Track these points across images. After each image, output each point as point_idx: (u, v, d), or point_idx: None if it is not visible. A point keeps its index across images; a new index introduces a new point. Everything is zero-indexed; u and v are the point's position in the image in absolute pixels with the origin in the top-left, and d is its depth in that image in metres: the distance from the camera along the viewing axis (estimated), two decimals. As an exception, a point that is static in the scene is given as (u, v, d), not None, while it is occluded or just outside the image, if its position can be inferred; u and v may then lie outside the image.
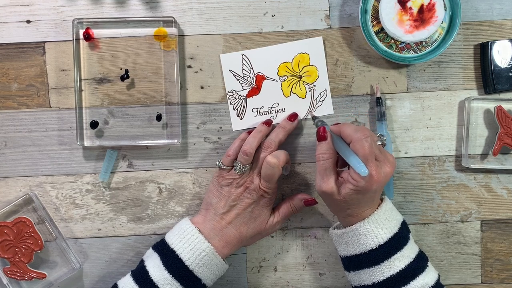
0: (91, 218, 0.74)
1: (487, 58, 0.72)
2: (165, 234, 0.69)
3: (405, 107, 0.74)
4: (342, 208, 0.64)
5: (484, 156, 0.75)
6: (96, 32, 0.71)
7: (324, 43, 0.73)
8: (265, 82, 0.73)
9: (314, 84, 0.73)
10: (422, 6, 0.69)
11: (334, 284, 0.76)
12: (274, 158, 0.67)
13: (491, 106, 0.74)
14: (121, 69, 0.72)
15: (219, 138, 0.74)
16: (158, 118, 0.72)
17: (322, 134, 0.64)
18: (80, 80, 0.72)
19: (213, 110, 0.73)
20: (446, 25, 0.71)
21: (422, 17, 0.70)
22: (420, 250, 0.67)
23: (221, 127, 0.74)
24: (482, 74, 0.74)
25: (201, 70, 0.73)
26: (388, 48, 0.71)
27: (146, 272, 0.65)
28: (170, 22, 0.72)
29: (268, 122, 0.71)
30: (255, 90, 0.73)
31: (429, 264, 0.66)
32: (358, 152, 0.60)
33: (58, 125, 0.73)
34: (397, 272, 0.63)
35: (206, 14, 0.73)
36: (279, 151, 0.68)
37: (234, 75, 0.73)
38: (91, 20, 0.71)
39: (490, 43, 0.72)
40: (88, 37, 0.71)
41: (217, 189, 0.69)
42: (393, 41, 0.71)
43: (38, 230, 0.71)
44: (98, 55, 0.72)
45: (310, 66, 0.73)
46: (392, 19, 0.70)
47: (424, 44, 0.72)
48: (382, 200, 0.66)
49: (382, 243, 0.63)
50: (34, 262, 0.72)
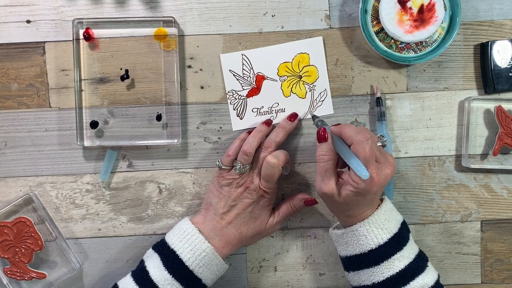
0: (91, 218, 0.74)
1: (487, 58, 0.72)
2: (165, 234, 0.69)
3: (405, 107, 0.74)
4: (342, 209, 0.63)
5: (484, 156, 0.75)
6: (96, 32, 0.72)
7: (324, 43, 0.73)
8: (265, 82, 0.73)
9: (314, 84, 0.73)
10: (422, 6, 0.69)
11: (334, 284, 0.76)
12: (274, 158, 0.67)
13: (491, 106, 0.74)
14: (121, 69, 0.72)
15: (219, 138, 0.74)
16: (158, 118, 0.72)
17: (322, 135, 0.64)
18: (80, 80, 0.72)
19: (213, 110, 0.73)
20: (446, 25, 0.71)
21: (422, 17, 0.70)
22: (420, 250, 0.67)
23: (221, 127, 0.74)
24: (482, 74, 0.74)
25: (201, 70, 0.73)
26: (388, 48, 0.71)
27: (147, 272, 0.65)
28: (170, 22, 0.72)
29: (268, 122, 0.71)
30: (255, 90, 0.73)
31: (429, 264, 0.66)
32: (359, 154, 0.60)
33: (58, 125, 0.73)
34: (396, 272, 0.63)
35: (206, 14, 0.73)
36: (279, 151, 0.68)
37: (234, 75, 0.73)
38: (91, 20, 0.71)
39: (490, 43, 0.72)
40: (88, 37, 0.71)
41: (217, 189, 0.69)
42: (393, 41, 0.71)
43: (38, 230, 0.71)
44: (98, 55, 0.72)
45: (310, 66, 0.73)
46: (392, 19, 0.70)
47: (424, 44, 0.72)
48: (382, 200, 0.66)
49: (381, 244, 0.63)
50: (34, 262, 0.72)
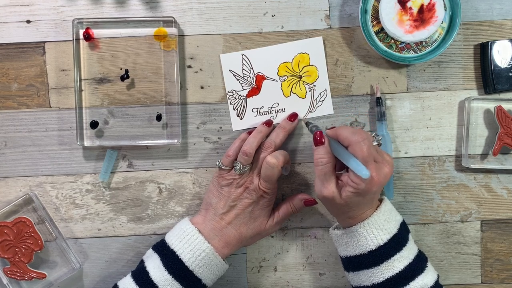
0: (91, 218, 0.74)
1: (487, 58, 0.72)
2: (165, 234, 0.69)
3: (405, 107, 0.74)
4: (343, 211, 0.63)
5: (484, 156, 0.75)
6: (96, 32, 0.71)
7: (324, 43, 0.73)
8: (265, 82, 0.73)
9: (314, 84, 0.73)
10: (422, 6, 0.69)
11: (334, 284, 0.76)
12: (274, 159, 0.67)
13: (491, 106, 0.74)
14: (121, 69, 0.72)
15: (219, 138, 0.74)
16: (158, 118, 0.72)
17: (319, 138, 0.63)
18: (80, 80, 0.72)
19: (213, 110, 0.73)
20: (446, 25, 0.71)
21: (422, 17, 0.70)
22: (419, 251, 0.67)
23: (221, 127, 0.74)
24: (482, 74, 0.74)
25: (201, 70, 0.73)
26: (388, 48, 0.71)
27: (147, 272, 0.65)
28: (170, 22, 0.72)
29: (268, 123, 0.71)
30: (255, 90, 0.73)
31: (428, 264, 0.66)
32: (357, 154, 0.60)
33: (58, 125, 0.73)
34: (396, 273, 0.63)
35: (206, 14, 0.73)
36: (279, 151, 0.68)
37: (234, 75, 0.73)
38: (91, 20, 0.71)
39: (490, 43, 0.72)
40: (88, 37, 0.71)
41: (217, 189, 0.69)
42: (393, 41, 0.71)
43: (38, 230, 0.71)
44: (98, 55, 0.72)
45: (310, 66, 0.73)
46: (392, 19, 0.70)
47: (424, 44, 0.72)
48: (381, 201, 0.66)
49: (381, 244, 0.63)
50: (34, 262, 0.72)
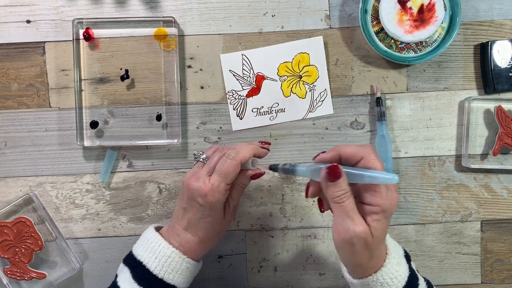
0: (91, 218, 0.74)
1: (487, 58, 0.72)
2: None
3: (405, 107, 0.74)
4: (370, 253, 0.54)
5: (484, 156, 0.75)
6: (96, 32, 0.72)
7: (324, 43, 0.73)
8: (265, 82, 0.73)
9: (314, 84, 0.73)
10: (422, 6, 0.69)
11: (334, 284, 0.76)
12: (233, 151, 0.60)
13: (491, 106, 0.74)
14: (121, 69, 0.72)
15: (219, 138, 0.74)
16: (158, 118, 0.72)
17: (338, 171, 0.53)
18: (80, 80, 0.72)
19: (213, 110, 0.73)
20: (446, 25, 0.71)
21: (422, 17, 0.70)
22: (425, 279, 0.62)
23: (221, 127, 0.74)
24: (482, 74, 0.74)
25: (201, 70, 0.73)
26: (388, 48, 0.71)
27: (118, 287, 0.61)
28: (170, 22, 0.72)
29: (264, 142, 0.66)
30: (255, 90, 0.73)
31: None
32: (377, 164, 0.53)
33: (58, 125, 0.73)
34: None
35: (206, 14, 0.73)
36: (242, 145, 0.61)
37: (234, 75, 0.73)
38: (91, 20, 0.71)
39: (490, 43, 0.72)
40: (88, 37, 0.71)
41: (181, 190, 0.63)
42: (393, 41, 0.71)
43: (38, 230, 0.71)
44: (98, 55, 0.72)
45: (310, 66, 0.73)
46: (392, 19, 0.70)
47: (424, 44, 0.72)
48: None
49: None
50: (34, 262, 0.72)
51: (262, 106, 0.73)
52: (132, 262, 0.62)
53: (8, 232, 0.71)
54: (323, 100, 0.74)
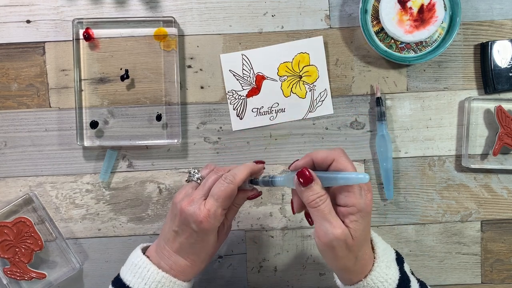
0: (91, 218, 0.74)
1: (487, 58, 0.72)
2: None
3: (405, 107, 0.74)
4: (354, 254, 0.54)
5: (484, 156, 0.75)
6: (96, 32, 0.72)
7: (324, 43, 0.73)
8: (265, 82, 0.73)
9: (314, 84, 0.73)
10: (422, 6, 0.69)
11: (334, 284, 0.76)
12: (230, 175, 0.57)
13: (491, 106, 0.74)
14: (121, 69, 0.72)
15: (219, 138, 0.74)
16: (158, 118, 0.72)
17: (308, 175, 0.53)
18: (80, 80, 0.72)
19: (213, 110, 0.73)
20: (446, 25, 0.71)
21: (422, 17, 0.70)
22: (418, 280, 0.61)
23: (221, 127, 0.74)
24: (482, 74, 0.74)
25: (201, 70, 0.73)
26: (388, 48, 0.71)
27: None
28: (170, 22, 0.72)
29: (259, 162, 0.62)
30: (255, 90, 0.73)
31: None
32: (348, 165, 0.53)
33: (58, 125, 0.73)
34: None
35: (206, 14, 0.73)
36: (238, 167, 0.59)
37: (234, 75, 0.73)
38: (91, 20, 0.71)
39: (490, 43, 0.72)
40: (88, 37, 0.71)
41: (170, 209, 0.60)
42: (393, 41, 0.71)
43: (38, 230, 0.71)
44: (98, 55, 0.72)
45: (310, 66, 0.73)
46: (392, 19, 0.70)
47: (424, 44, 0.72)
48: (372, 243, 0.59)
49: None
50: (34, 262, 0.72)
51: (262, 106, 0.73)
52: (121, 287, 0.59)
53: (8, 232, 0.71)
54: (323, 100, 0.74)
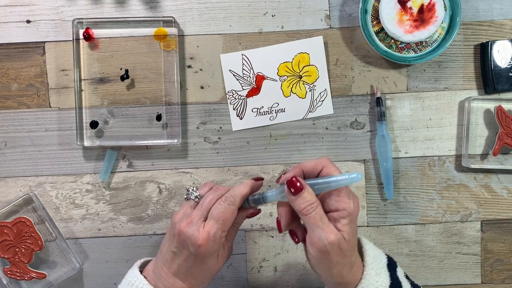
0: (91, 218, 0.74)
1: (487, 58, 0.72)
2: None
3: (405, 107, 0.74)
4: (348, 260, 0.54)
5: (484, 156, 0.75)
6: (96, 32, 0.72)
7: (324, 43, 0.73)
8: (265, 82, 0.73)
9: (314, 84, 0.73)
10: (422, 6, 0.69)
11: (334, 284, 0.76)
12: (230, 195, 0.56)
13: (491, 106, 0.74)
14: (121, 69, 0.72)
15: (219, 138, 0.74)
16: (158, 118, 0.72)
17: (299, 185, 0.53)
18: (80, 80, 0.72)
19: (213, 110, 0.73)
20: (446, 25, 0.71)
21: (422, 17, 0.70)
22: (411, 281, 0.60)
23: (221, 127, 0.74)
24: (482, 74, 0.74)
25: (201, 70, 0.73)
26: (388, 48, 0.71)
27: None
28: (170, 22, 0.72)
29: (258, 178, 0.61)
30: (255, 90, 0.73)
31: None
32: (337, 171, 0.54)
33: (58, 125, 0.73)
34: None
35: (206, 14, 0.73)
36: (238, 186, 0.57)
37: (234, 75, 0.73)
38: (91, 20, 0.71)
39: (490, 43, 0.72)
40: (88, 37, 0.71)
41: (169, 228, 0.58)
42: (393, 41, 0.71)
43: (38, 230, 0.71)
44: (98, 55, 0.72)
45: (310, 66, 0.73)
46: (392, 19, 0.70)
47: (424, 44, 0.72)
48: (360, 249, 0.58)
49: None
50: (34, 262, 0.72)
51: (262, 106, 0.73)
52: None
53: (8, 232, 0.71)
54: (323, 100, 0.74)
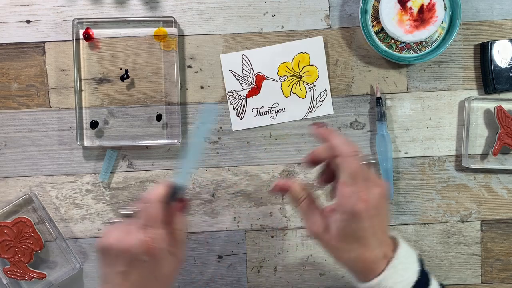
0: (91, 218, 0.74)
1: (487, 58, 0.72)
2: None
3: (405, 107, 0.74)
4: (343, 251, 0.53)
5: (484, 156, 0.75)
6: (96, 32, 0.71)
7: (324, 43, 0.73)
8: (265, 82, 0.73)
9: (314, 84, 0.73)
10: (422, 6, 0.69)
11: (334, 284, 0.76)
12: (144, 195, 0.55)
13: (491, 106, 0.74)
14: (121, 69, 0.72)
15: (219, 138, 0.74)
16: (158, 118, 0.72)
17: (284, 188, 0.57)
18: (80, 80, 0.72)
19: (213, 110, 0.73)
20: (446, 25, 0.71)
21: (422, 17, 0.69)
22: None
23: (221, 127, 0.74)
24: (482, 74, 0.74)
25: (201, 70, 0.73)
26: (388, 48, 0.71)
27: None
28: (170, 22, 0.72)
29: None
30: (255, 90, 0.73)
31: None
32: (345, 169, 0.52)
33: (58, 125, 0.73)
34: None
35: (206, 14, 0.73)
36: (157, 185, 0.56)
37: (234, 75, 0.73)
38: (91, 20, 0.71)
39: (490, 43, 0.72)
40: (88, 37, 0.71)
41: (102, 256, 0.55)
42: (393, 41, 0.71)
43: (38, 230, 0.71)
44: (98, 55, 0.72)
45: (310, 66, 0.73)
46: (392, 19, 0.70)
47: (424, 44, 0.72)
48: (395, 242, 0.56)
49: None
50: (34, 262, 0.72)
51: (262, 106, 0.73)
52: None
53: (8, 232, 0.71)
54: (323, 100, 0.74)
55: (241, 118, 0.73)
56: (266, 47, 0.73)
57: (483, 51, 0.73)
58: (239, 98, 0.73)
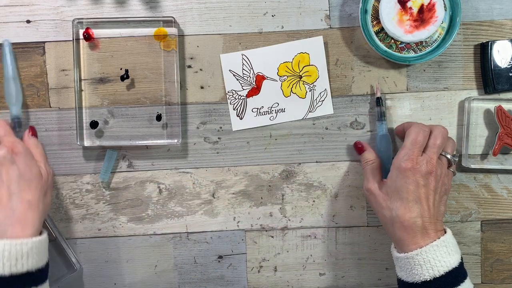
0: (91, 218, 0.74)
1: (487, 58, 0.72)
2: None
3: (405, 107, 0.74)
4: (387, 209, 0.63)
5: (484, 156, 0.75)
6: (96, 32, 0.71)
7: (324, 43, 0.73)
8: (265, 82, 0.73)
9: (314, 84, 0.73)
10: (422, 6, 0.69)
11: (334, 284, 0.76)
12: None
13: (491, 106, 0.74)
14: (121, 69, 0.72)
15: (219, 138, 0.74)
16: (158, 118, 0.72)
17: (360, 147, 0.71)
18: (80, 80, 0.72)
19: (213, 110, 0.73)
20: (446, 25, 0.71)
21: (422, 17, 0.70)
22: None
23: (221, 127, 0.74)
24: (482, 74, 0.74)
25: (201, 70, 0.73)
26: (388, 48, 0.71)
27: None
28: (170, 22, 0.72)
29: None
30: (255, 90, 0.73)
31: None
32: (409, 136, 0.63)
33: (58, 125, 0.73)
34: None
35: (206, 14, 0.73)
36: None
37: (234, 75, 0.73)
38: (91, 20, 0.71)
39: (490, 43, 0.72)
40: (88, 37, 0.71)
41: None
42: (393, 41, 0.71)
43: (38, 230, 0.71)
44: (98, 55, 0.72)
45: (310, 66, 0.73)
46: (392, 19, 0.70)
47: (424, 44, 0.72)
48: (444, 230, 0.63)
49: (437, 276, 0.58)
50: (34, 262, 0.72)
51: (262, 106, 0.73)
52: None
53: (8, 232, 0.71)
54: (323, 100, 0.74)
55: (241, 118, 0.73)
56: (266, 47, 0.73)
57: (483, 51, 0.73)
58: (239, 98, 0.73)
